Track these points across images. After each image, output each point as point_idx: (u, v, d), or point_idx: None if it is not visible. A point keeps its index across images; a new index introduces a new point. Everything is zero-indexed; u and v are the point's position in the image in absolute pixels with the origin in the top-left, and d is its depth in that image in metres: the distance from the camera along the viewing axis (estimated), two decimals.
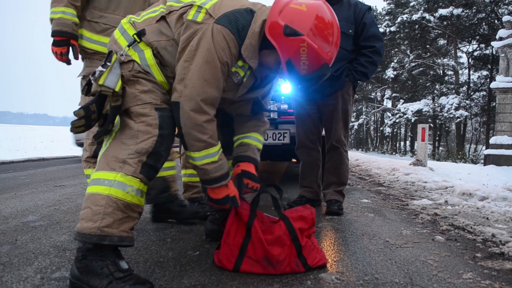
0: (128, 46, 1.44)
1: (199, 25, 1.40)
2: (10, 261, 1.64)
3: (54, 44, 2.11)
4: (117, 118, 1.45)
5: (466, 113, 19.66)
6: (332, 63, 1.51)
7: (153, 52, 1.47)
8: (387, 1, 27.89)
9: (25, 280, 1.43)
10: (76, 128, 1.35)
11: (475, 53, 22.76)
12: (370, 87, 33.16)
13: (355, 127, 34.49)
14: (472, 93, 22.27)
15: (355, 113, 35.68)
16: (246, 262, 1.52)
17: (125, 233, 1.34)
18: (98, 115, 1.38)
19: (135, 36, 1.45)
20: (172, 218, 2.39)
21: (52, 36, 2.09)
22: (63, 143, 16.89)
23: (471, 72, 23.65)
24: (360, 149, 34.73)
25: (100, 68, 1.35)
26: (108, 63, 1.36)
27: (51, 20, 2.09)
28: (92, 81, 1.34)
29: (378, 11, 31.89)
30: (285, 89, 3.92)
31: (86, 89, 1.40)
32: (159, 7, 1.55)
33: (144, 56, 1.45)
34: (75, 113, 1.33)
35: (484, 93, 22.29)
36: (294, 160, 4.51)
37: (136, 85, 1.43)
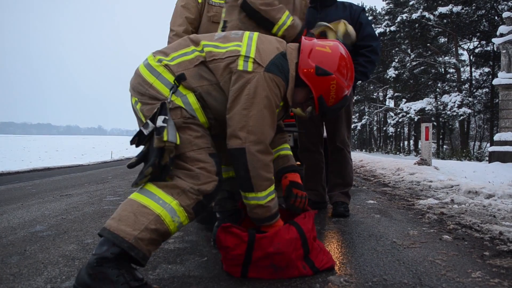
0: (172, 93, 1.46)
1: (251, 74, 1.49)
2: (20, 271, 1.65)
3: None
4: None
5: (469, 111, 19.57)
6: None
7: (196, 96, 1.50)
8: (386, 1, 27.90)
9: None
10: (140, 184, 1.40)
11: (476, 50, 22.68)
12: (372, 87, 33.13)
13: (358, 127, 34.44)
14: (474, 90, 22.18)
15: (357, 114, 35.63)
16: (252, 270, 1.52)
17: (148, 253, 1.35)
18: (157, 166, 1.38)
19: (175, 81, 1.47)
20: None
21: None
22: (67, 152, 16.97)
23: (473, 69, 23.57)
24: (363, 150, 34.63)
25: (160, 123, 1.35)
26: (167, 117, 1.36)
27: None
28: (155, 136, 1.34)
29: (377, 11, 31.94)
30: None
31: (137, 140, 1.42)
32: (190, 48, 1.55)
33: (188, 101, 1.48)
34: (144, 172, 1.35)
35: (487, 90, 22.19)
36: (298, 163, 4.51)
37: (188, 131, 1.47)
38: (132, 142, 1.44)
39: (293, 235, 1.53)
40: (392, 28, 24.46)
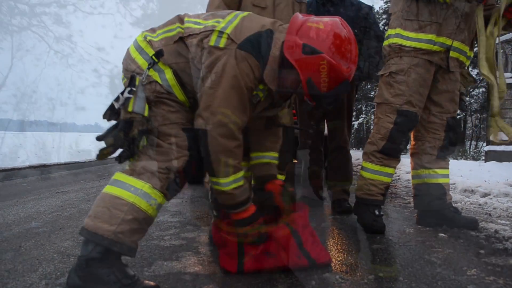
0: (148, 68, 1.43)
1: (222, 51, 1.39)
2: (15, 267, 1.64)
3: None
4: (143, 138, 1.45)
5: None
6: None
7: (172, 72, 1.46)
8: (384, 0, 27.94)
9: (30, 287, 1.43)
10: (103, 155, 1.35)
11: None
12: (369, 86, 33.15)
13: (355, 126, 34.45)
14: (471, 90, 22.25)
15: (355, 113, 35.68)
16: (248, 262, 1.53)
17: (134, 244, 1.34)
18: (124, 139, 1.36)
19: (153, 57, 1.44)
20: (444, 224, 2.29)
21: None
22: (64, 149, 16.91)
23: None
24: (360, 149, 34.63)
25: (126, 94, 1.33)
26: (134, 88, 1.35)
27: None
28: (121, 108, 1.33)
29: (375, 10, 31.96)
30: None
31: (109, 114, 1.38)
32: (175, 25, 1.52)
33: (165, 77, 1.44)
34: (105, 140, 1.31)
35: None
36: (295, 160, 4.50)
37: (162, 106, 1.45)
38: (104, 116, 1.40)
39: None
40: None
